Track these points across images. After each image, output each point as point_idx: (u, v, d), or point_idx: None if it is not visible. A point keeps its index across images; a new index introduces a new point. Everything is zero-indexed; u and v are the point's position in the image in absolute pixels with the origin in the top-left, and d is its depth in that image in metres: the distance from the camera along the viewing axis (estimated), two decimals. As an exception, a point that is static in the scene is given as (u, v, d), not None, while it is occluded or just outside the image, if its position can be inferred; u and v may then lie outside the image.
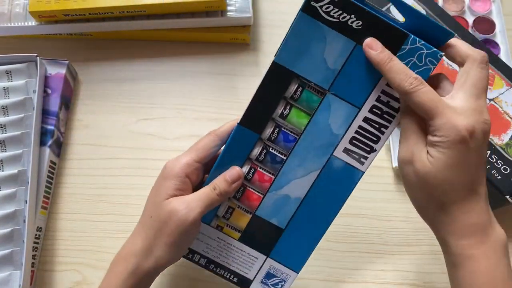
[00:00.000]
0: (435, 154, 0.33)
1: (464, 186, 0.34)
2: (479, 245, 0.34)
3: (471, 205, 0.34)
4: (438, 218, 0.35)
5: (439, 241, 0.37)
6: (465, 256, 0.34)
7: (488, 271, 0.33)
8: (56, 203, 0.52)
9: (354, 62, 0.37)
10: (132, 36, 0.60)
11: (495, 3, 0.61)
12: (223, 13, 0.57)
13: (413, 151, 0.34)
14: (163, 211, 0.38)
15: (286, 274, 0.43)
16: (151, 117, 0.57)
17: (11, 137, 0.50)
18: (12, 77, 0.53)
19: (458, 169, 0.33)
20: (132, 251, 0.39)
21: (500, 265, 0.34)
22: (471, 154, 0.33)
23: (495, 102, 0.50)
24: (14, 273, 0.45)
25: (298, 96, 0.39)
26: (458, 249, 0.34)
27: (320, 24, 0.36)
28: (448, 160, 0.33)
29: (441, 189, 0.34)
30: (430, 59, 0.36)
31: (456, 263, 0.35)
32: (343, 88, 0.38)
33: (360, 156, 0.39)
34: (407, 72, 0.34)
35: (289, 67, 0.38)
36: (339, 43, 0.36)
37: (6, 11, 0.57)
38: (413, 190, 0.36)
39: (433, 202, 0.35)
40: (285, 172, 0.40)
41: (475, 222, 0.34)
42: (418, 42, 0.35)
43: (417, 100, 0.33)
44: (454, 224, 0.34)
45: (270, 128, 0.40)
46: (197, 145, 0.40)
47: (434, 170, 0.33)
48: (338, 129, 0.39)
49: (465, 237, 0.34)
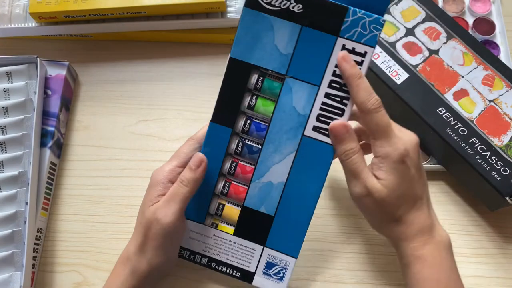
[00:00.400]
0: (385, 177, 0.38)
1: (410, 198, 0.39)
2: (425, 246, 0.39)
3: (417, 213, 0.39)
4: (392, 229, 0.40)
5: (394, 247, 0.42)
6: (415, 256, 0.39)
7: (434, 267, 0.38)
8: (57, 204, 0.52)
9: (304, 43, 0.39)
10: (132, 37, 0.60)
11: (495, 4, 0.61)
12: (223, 14, 0.57)
13: (367, 185, 0.39)
14: (146, 218, 0.41)
15: (285, 261, 0.44)
16: (151, 118, 0.57)
17: (11, 138, 0.50)
18: (12, 78, 0.53)
19: (404, 185, 0.38)
20: (128, 255, 0.42)
21: (444, 261, 0.39)
22: (411, 170, 0.39)
23: (495, 103, 0.50)
24: (15, 274, 0.45)
25: (260, 85, 0.41)
26: (408, 251, 0.39)
27: (264, 15, 0.39)
28: (396, 179, 0.38)
29: (394, 206, 0.39)
30: (374, 26, 0.38)
31: (408, 263, 0.40)
32: (300, 70, 0.40)
33: None
34: (371, 91, 0.38)
35: (245, 60, 0.40)
36: (286, 29, 0.39)
37: (6, 12, 0.57)
38: (372, 214, 0.41)
39: (388, 218, 0.40)
40: (263, 160, 0.42)
41: (421, 227, 0.39)
42: (359, 13, 0.38)
43: (374, 120, 0.38)
44: (405, 231, 0.40)
45: (242, 121, 0.42)
46: (178, 152, 0.43)
47: (388, 192, 0.38)
48: (303, 109, 0.41)
49: (413, 241, 0.39)
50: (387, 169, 0.38)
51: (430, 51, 0.52)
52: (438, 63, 0.52)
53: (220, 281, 0.48)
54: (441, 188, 0.53)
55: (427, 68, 0.51)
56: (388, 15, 0.54)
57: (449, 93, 0.50)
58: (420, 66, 0.52)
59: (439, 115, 0.49)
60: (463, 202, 0.52)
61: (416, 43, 0.53)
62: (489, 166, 0.47)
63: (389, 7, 0.54)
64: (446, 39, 0.53)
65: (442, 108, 0.50)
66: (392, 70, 0.51)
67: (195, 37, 0.60)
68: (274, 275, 0.44)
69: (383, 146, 0.38)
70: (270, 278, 0.44)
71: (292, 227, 0.43)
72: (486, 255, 0.50)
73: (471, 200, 0.52)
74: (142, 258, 0.41)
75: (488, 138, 0.48)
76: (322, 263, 0.50)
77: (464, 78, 0.51)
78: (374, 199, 0.39)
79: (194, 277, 0.49)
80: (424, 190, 0.40)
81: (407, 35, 0.53)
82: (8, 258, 0.46)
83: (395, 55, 0.52)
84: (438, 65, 0.52)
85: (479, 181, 0.48)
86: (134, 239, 0.42)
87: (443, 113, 0.49)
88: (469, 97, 0.50)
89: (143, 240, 0.41)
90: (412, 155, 0.39)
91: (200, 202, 0.44)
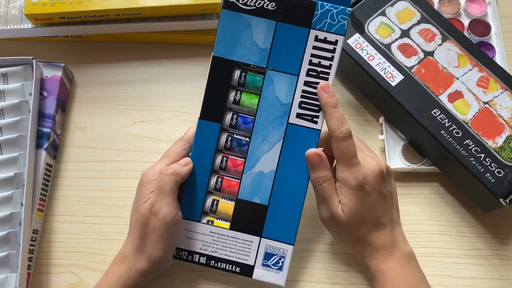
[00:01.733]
0: (345, 202, 0.42)
1: (370, 221, 0.43)
2: (386, 261, 0.43)
3: (378, 233, 0.43)
4: (357, 248, 0.44)
5: (362, 263, 0.45)
6: (377, 270, 0.43)
7: (395, 279, 0.42)
8: (52, 206, 0.52)
9: (280, 37, 0.42)
10: (128, 38, 0.60)
11: (491, 5, 0.61)
12: (219, 16, 0.57)
13: (331, 211, 0.42)
14: (142, 214, 0.41)
15: (282, 249, 0.44)
16: (147, 120, 0.57)
17: (7, 140, 0.50)
18: (8, 79, 0.53)
19: (363, 210, 0.42)
20: (124, 255, 0.42)
21: (405, 273, 0.43)
22: (371, 196, 0.42)
23: (489, 105, 0.50)
24: (10, 275, 0.46)
25: (243, 80, 0.44)
26: (372, 266, 0.43)
27: (241, 14, 0.42)
28: (354, 205, 0.41)
29: (355, 229, 0.43)
30: (341, 16, 0.42)
31: (373, 277, 0.44)
32: (279, 62, 0.43)
33: (312, 116, 0.43)
34: (343, 121, 0.41)
35: (228, 57, 0.43)
36: (262, 25, 0.42)
37: (2, 13, 0.57)
38: (338, 235, 0.45)
39: (351, 239, 0.44)
40: (252, 151, 0.44)
41: (382, 245, 0.43)
42: (326, 6, 0.42)
43: (341, 147, 0.41)
44: (367, 249, 0.43)
45: (229, 116, 0.44)
46: (168, 152, 0.45)
47: (347, 217, 0.42)
48: (285, 98, 0.43)
49: (375, 257, 0.43)
50: (346, 195, 0.42)
51: (425, 52, 0.52)
52: (433, 65, 0.52)
53: (216, 282, 0.48)
54: (435, 189, 0.53)
55: (422, 70, 0.52)
56: (383, 17, 0.54)
57: (443, 95, 0.51)
58: (415, 68, 0.52)
59: (434, 117, 0.49)
60: (457, 204, 0.52)
61: (411, 44, 0.53)
62: (483, 168, 0.47)
63: (385, 8, 0.54)
64: (441, 41, 0.53)
65: (436, 110, 0.50)
66: (387, 72, 0.52)
67: (190, 38, 0.60)
68: (273, 266, 0.45)
69: (344, 172, 0.42)
70: (270, 269, 0.45)
71: (286, 214, 0.44)
72: (480, 256, 0.50)
73: (466, 202, 0.52)
74: (140, 255, 0.41)
75: (482, 140, 0.49)
76: (318, 264, 0.50)
77: (459, 80, 0.51)
78: (338, 223, 0.42)
79: (189, 278, 0.49)
80: (386, 213, 0.44)
81: (402, 36, 0.53)
82: (3, 260, 0.46)
83: (390, 56, 0.52)
84: (433, 67, 0.52)
85: (473, 182, 0.48)
86: (130, 238, 0.42)
87: (437, 114, 0.50)
88: (464, 99, 0.50)
89: (141, 236, 0.41)
90: (373, 182, 0.42)
91: (195, 201, 0.44)
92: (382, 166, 0.43)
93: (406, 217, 0.51)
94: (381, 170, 0.43)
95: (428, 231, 0.51)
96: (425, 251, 0.50)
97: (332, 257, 0.50)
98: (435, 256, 0.50)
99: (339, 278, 0.49)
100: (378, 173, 0.43)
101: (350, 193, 0.41)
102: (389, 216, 0.44)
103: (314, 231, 0.51)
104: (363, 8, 0.55)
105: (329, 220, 0.43)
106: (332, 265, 0.50)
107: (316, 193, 0.43)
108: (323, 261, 0.50)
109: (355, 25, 0.54)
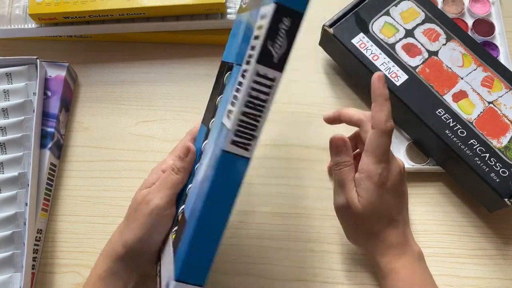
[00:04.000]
0: (362, 194, 0.41)
1: (385, 218, 0.42)
2: (398, 259, 0.42)
3: (391, 230, 0.42)
4: (368, 243, 0.44)
5: (371, 260, 0.45)
6: (388, 269, 0.42)
7: (406, 279, 0.42)
8: (57, 205, 0.52)
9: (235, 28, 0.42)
10: (132, 38, 0.60)
11: (495, 5, 0.61)
12: (223, 15, 0.57)
13: (347, 198, 0.42)
14: (136, 200, 0.42)
15: None
16: (151, 119, 0.57)
17: (11, 139, 0.50)
18: (12, 79, 0.53)
19: (379, 206, 0.41)
20: (110, 241, 0.44)
21: (416, 273, 0.42)
22: (389, 194, 0.42)
23: (494, 105, 0.50)
24: (15, 275, 0.46)
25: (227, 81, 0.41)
26: (383, 264, 0.43)
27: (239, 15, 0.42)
28: (371, 199, 0.41)
29: (369, 222, 0.42)
30: None
31: (383, 275, 0.43)
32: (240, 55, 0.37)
33: None
34: (390, 116, 0.41)
35: (226, 59, 0.43)
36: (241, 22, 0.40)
37: (6, 13, 0.57)
38: (350, 227, 0.45)
39: (365, 232, 0.43)
40: None
41: (395, 243, 0.42)
42: None
43: (379, 140, 0.40)
44: (379, 246, 0.43)
45: None
46: (177, 147, 0.46)
47: (363, 209, 0.41)
48: None
49: (387, 255, 0.43)
50: (365, 188, 0.41)
51: (429, 52, 0.52)
52: (437, 65, 0.52)
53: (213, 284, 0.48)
54: (440, 189, 0.53)
55: (426, 70, 0.52)
56: (387, 17, 0.54)
57: (448, 94, 0.50)
58: (420, 68, 0.52)
59: (438, 116, 0.49)
60: (462, 204, 0.52)
61: (416, 44, 0.53)
62: (488, 168, 0.47)
63: (389, 8, 0.54)
64: (445, 41, 0.53)
65: (441, 109, 0.50)
66: (391, 71, 0.51)
67: (195, 38, 0.60)
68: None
69: (370, 166, 0.41)
70: None
71: None
72: (485, 256, 0.50)
73: (470, 202, 0.52)
74: (120, 240, 0.42)
75: (487, 140, 0.48)
76: (321, 263, 0.50)
77: (463, 80, 0.51)
78: (353, 212, 0.42)
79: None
80: (400, 213, 0.43)
81: (407, 36, 0.53)
82: (8, 259, 0.46)
83: (395, 56, 0.52)
84: (437, 67, 0.52)
85: (478, 182, 0.48)
86: (119, 227, 0.43)
87: (442, 114, 0.50)
88: (468, 98, 0.50)
89: (126, 220, 0.42)
90: (394, 181, 0.42)
91: None
92: (401, 165, 0.43)
93: (410, 217, 0.51)
94: (401, 170, 0.43)
95: (432, 231, 0.51)
96: (430, 251, 0.50)
97: (335, 256, 0.50)
98: (440, 256, 0.50)
99: (343, 278, 0.49)
100: (399, 172, 0.43)
101: (371, 188, 0.41)
102: (403, 216, 0.44)
103: (317, 231, 0.51)
104: (367, 8, 0.54)
105: (344, 208, 0.43)
106: (335, 264, 0.50)
107: (334, 177, 0.43)
108: (327, 260, 0.50)
109: (359, 25, 0.54)
